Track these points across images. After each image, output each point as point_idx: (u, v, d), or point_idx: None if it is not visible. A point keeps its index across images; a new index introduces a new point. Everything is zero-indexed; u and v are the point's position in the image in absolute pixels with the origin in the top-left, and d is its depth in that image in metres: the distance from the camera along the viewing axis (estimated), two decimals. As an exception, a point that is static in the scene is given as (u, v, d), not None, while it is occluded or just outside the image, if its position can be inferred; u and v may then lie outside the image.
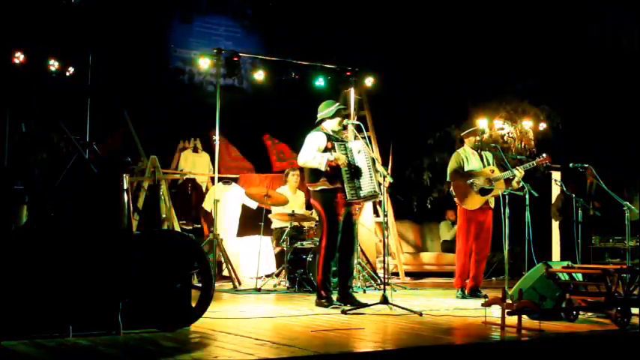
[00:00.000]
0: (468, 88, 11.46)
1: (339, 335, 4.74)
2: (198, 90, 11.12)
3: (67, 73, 9.44)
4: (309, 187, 6.45)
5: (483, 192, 7.32)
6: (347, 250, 6.37)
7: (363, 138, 6.36)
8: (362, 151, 6.34)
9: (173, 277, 4.75)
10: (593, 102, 11.60)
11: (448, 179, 7.53)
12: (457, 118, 10.78)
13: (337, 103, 6.56)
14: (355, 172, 6.25)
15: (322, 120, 6.48)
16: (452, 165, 7.50)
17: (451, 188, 7.50)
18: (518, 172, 7.21)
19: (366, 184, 6.26)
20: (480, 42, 11.52)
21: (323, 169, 6.18)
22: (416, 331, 4.97)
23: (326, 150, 6.28)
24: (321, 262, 6.28)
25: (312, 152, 6.24)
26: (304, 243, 8.17)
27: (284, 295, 7.55)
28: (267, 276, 8.71)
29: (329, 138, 6.34)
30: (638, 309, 5.38)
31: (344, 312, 5.88)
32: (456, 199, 7.43)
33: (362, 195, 6.27)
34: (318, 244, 6.35)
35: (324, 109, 6.49)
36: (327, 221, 6.25)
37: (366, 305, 6.02)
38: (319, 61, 9.80)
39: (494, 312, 5.52)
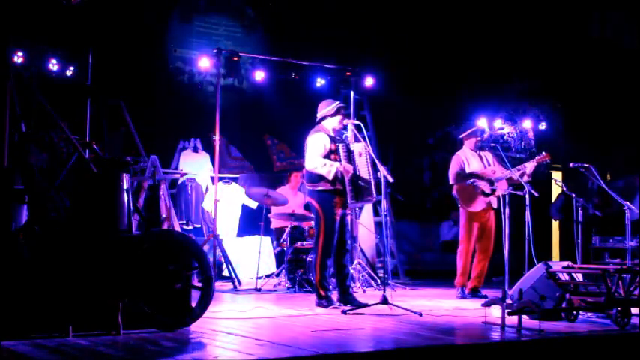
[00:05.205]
0: (467, 88, 11.46)
1: (339, 335, 4.74)
2: (198, 90, 11.11)
3: (68, 73, 9.45)
4: (307, 186, 6.45)
5: (486, 193, 7.32)
6: (342, 250, 6.39)
7: (363, 138, 6.36)
8: (363, 154, 6.35)
9: (173, 277, 4.75)
10: (593, 102, 11.60)
11: (451, 182, 7.51)
12: (457, 118, 10.78)
13: (337, 102, 6.56)
14: (357, 178, 6.27)
15: (322, 119, 6.46)
16: (453, 168, 7.49)
17: (454, 192, 7.50)
18: (530, 165, 7.25)
19: (366, 188, 6.29)
20: (480, 42, 11.52)
21: (330, 178, 6.20)
22: (416, 331, 4.97)
23: (330, 152, 6.28)
24: (318, 262, 6.29)
25: (321, 159, 6.24)
26: (304, 243, 8.18)
27: (284, 295, 7.55)
28: (267, 276, 8.71)
29: (332, 140, 6.34)
30: (638, 309, 5.38)
31: (344, 312, 5.88)
32: (460, 203, 7.42)
33: (362, 200, 6.33)
34: (314, 243, 6.35)
35: (325, 108, 6.47)
36: (325, 221, 6.26)
37: (366, 305, 6.02)
38: (319, 61, 9.80)
39: (494, 312, 5.52)
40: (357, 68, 9.79)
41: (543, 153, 7.49)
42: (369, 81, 9.95)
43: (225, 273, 8.77)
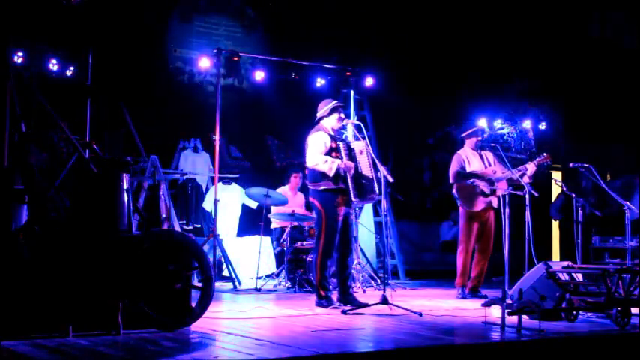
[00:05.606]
0: (467, 88, 11.47)
1: (339, 335, 4.75)
2: (198, 90, 11.12)
3: (68, 73, 9.45)
4: (309, 186, 6.46)
5: (485, 193, 7.32)
6: (345, 250, 6.38)
7: (364, 138, 6.37)
8: (364, 152, 6.36)
9: (173, 277, 4.76)
10: (593, 102, 11.61)
11: (451, 181, 7.51)
12: (457, 118, 10.78)
13: (334, 101, 6.57)
14: (360, 176, 6.27)
15: (321, 118, 6.49)
16: (454, 167, 7.49)
17: (454, 191, 7.49)
18: (530, 167, 7.26)
19: (368, 186, 6.29)
20: (480, 42, 11.53)
21: (332, 174, 6.20)
22: (416, 331, 4.97)
23: (331, 150, 6.30)
24: (318, 262, 6.29)
25: (322, 156, 6.25)
26: (304, 243, 8.18)
27: (284, 295, 7.55)
28: (267, 276, 8.71)
29: (333, 138, 6.36)
30: (638, 309, 5.39)
31: (344, 312, 5.88)
32: (459, 202, 7.42)
33: (365, 197, 6.33)
34: (315, 243, 6.35)
35: (322, 108, 6.51)
36: (326, 221, 6.26)
37: (366, 305, 6.02)
38: (319, 61, 9.80)
39: (494, 312, 5.52)
40: (357, 68, 9.80)
41: (544, 154, 7.50)
42: (369, 81, 9.96)
43: (225, 273, 8.76)
